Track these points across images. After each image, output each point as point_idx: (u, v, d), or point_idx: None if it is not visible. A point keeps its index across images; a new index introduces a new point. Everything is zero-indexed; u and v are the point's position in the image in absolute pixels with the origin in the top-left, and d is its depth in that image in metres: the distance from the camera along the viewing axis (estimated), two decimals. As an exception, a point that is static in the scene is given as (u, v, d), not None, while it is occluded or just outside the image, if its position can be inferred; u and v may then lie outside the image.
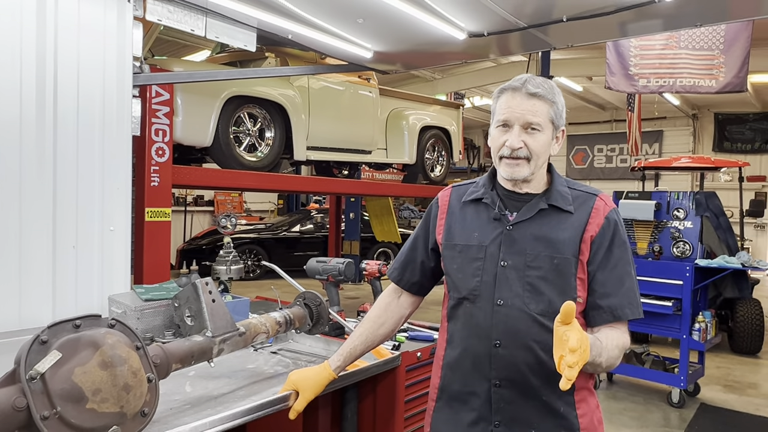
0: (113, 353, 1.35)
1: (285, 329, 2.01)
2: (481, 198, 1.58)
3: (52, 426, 1.23)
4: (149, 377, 1.44)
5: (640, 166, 7.32)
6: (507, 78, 6.76)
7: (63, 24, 2.44)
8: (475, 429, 1.52)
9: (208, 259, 10.90)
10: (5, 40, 2.29)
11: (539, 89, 1.48)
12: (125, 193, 2.69)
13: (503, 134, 1.50)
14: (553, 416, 1.48)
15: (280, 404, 1.65)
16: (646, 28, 3.14)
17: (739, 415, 4.78)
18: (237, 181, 5.20)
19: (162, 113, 3.91)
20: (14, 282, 2.34)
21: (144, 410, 1.39)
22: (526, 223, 1.51)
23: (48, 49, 2.41)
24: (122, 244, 2.68)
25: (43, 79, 2.40)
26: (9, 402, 1.20)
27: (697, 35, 7.22)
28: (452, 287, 1.59)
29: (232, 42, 3.27)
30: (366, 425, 2.17)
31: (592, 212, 1.50)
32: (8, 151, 2.32)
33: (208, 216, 15.23)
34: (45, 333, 1.32)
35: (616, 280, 1.48)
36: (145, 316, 2.21)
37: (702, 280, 4.87)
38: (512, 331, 1.47)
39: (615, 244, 1.50)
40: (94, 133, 2.57)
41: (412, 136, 7.49)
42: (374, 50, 3.60)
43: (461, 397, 1.55)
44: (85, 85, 2.53)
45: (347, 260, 2.42)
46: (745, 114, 15.52)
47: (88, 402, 1.28)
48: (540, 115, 1.48)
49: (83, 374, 1.29)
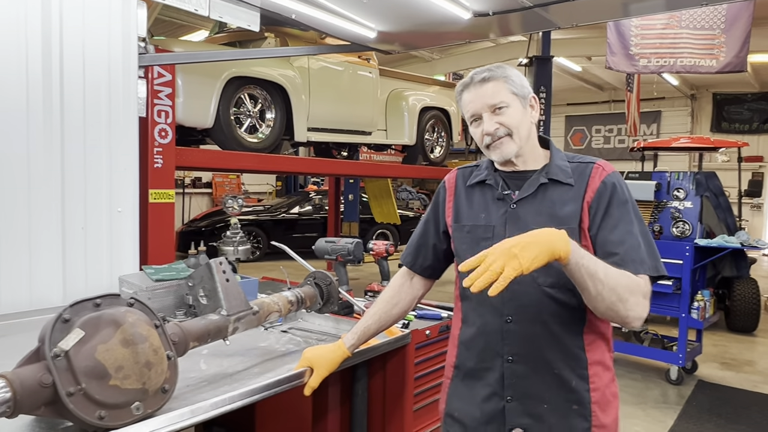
0: (134, 331, 1.37)
1: (296, 308, 2.03)
2: (485, 180, 1.62)
3: (78, 402, 1.25)
4: (168, 355, 1.46)
5: (639, 146, 7.33)
6: (506, 58, 6.80)
7: (68, 4, 2.43)
8: (488, 404, 1.55)
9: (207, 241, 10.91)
10: (10, 22, 2.28)
11: (486, 73, 1.53)
12: (132, 174, 2.70)
13: (478, 126, 1.56)
14: (565, 390, 1.50)
15: (295, 380, 1.68)
16: (652, 7, 3.13)
17: (736, 391, 4.87)
18: (239, 163, 5.20)
19: (164, 94, 3.89)
20: (24, 264, 2.36)
21: (164, 387, 1.42)
22: (529, 200, 1.54)
23: (53, 30, 2.40)
24: (130, 225, 2.70)
25: (49, 62, 2.39)
26: (36, 379, 1.22)
27: (698, 15, 7.18)
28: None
29: (236, 22, 3.24)
30: (376, 401, 2.21)
31: (589, 180, 1.52)
32: (16, 134, 2.32)
33: (206, 198, 15.24)
34: (67, 311, 1.33)
35: (617, 240, 1.45)
36: (156, 296, 2.23)
37: (701, 259, 4.91)
38: (523, 306, 1.50)
39: (613, 204, 1.48)
40: (100, 114, 2.58)
41: (412, 117, 7.48)
42: (378, 30, 3.58)
43: (476, 374, 1.59)
44: (91, 66, 2.52)
45: (356, 240, 2.44)
46: (744, 94, 15.52)
47: (111, 379, 1.30)
48: (498, 94, 1.52)
49: (106, 351, 1.31)
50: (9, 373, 1.22)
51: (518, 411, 1.51)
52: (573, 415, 1.49)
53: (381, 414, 2.21)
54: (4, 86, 2.27)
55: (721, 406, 4.51)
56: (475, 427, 1.57)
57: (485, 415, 1.55)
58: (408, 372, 2.15)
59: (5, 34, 2.27)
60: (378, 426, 2.21)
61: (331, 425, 2.31)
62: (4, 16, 2.26)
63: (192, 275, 1.84)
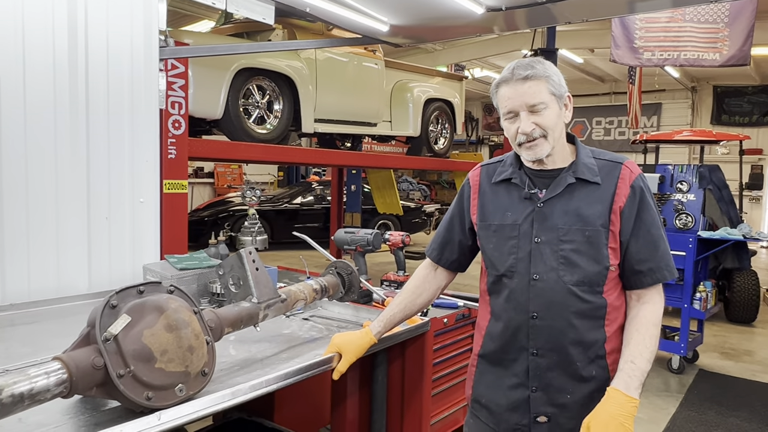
0: (177, 317, 1.44)
1: (321, 296, 2.10)
2: (510, 178, 1.63)
3: (127, 383, 1.32)
4: (207, 340, 1.53)
5: (642, 139, 7.39)
6: (508, 49, 6.83)
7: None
8: (514, 393, 1.61)
9: (210, 231, 10.90)
10: (38, 18, 2.33)
11: (529, 70, 1.52)
12: (154, 165, 2.77)
13: (513, 123, 1.55)
14: (587, 381, 1.55)
15: (325, 365, 1.75)
16: (663, 3, 3.17)
17: (735, 380, 4.96)
18: (249, 154, 5.24)
19: (178, 86, 3.91)
20: (53, 253, 2.43)
21: (204, 370, 1.49)
22: (556, 199, 1.56)
23: (79, 25, 2.45)
24: (152, 215, 2.77)
25: (75, 56, 2.44)
26: (88, 361, 1.29)
27: (703, 9, 7.22)
28: (490, 265, 1.65)
29: (251, 15, 3.28)
30: (395, 387, 2.28)
31: (618, 182, 1.54)
32: (44, 128, 2.38)
33: (208, 188, 15.27)
34: (114, 298, 1.40)
35: (651, 245, 1.54)
36: (181, 284, 2.28)
37: (704, 251, 4.99)
38: (548, 303, 1.54)
39: (643, 209, 1.54)
40: (123, 106, 2.63)
41: (417, 109, 7.51)
42: (390, 23, 3.62)
43: (501, 363, 1.64)
44: (115, 59, 2.58)
45: (375, 231, 2.51)
46: (744, 87, 15.56)
47: (157, 362, 1.37)
48: (539, 94, 1.51)
49: (151, 336, 1.38)
50: (64, 356, 1.28)
51: (542, 400, 1.57)
52: (596, 402, 1.52)
53: (399, 399, 2.28)
54: (33, 81, 2.32)
55: (721, 394, 4.60)
56: (501, 413, 1.63)
57: (511, 403, 1.61)
58: (427, 358, 2.22)
59: (34, 29, 2.32)
60: (397, 411, 2.28)
61: (350, 410, 2.38)
62: (33, 11, 2.31)
63: (222, 264, 1.90)
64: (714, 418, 4.13)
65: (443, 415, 2.34)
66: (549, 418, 1.57)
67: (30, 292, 2.35)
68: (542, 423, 1.57)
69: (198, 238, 8.90)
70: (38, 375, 1.21)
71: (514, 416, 1.60)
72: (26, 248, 2.34)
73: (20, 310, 2.25)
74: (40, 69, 2.34)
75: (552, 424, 1.57)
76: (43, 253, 2.39)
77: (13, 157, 2.29)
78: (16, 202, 2.31)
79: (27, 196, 2.34)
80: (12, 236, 2.30)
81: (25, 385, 1.18)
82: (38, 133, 2.35)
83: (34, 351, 1.84)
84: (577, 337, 1.54)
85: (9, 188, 2.29)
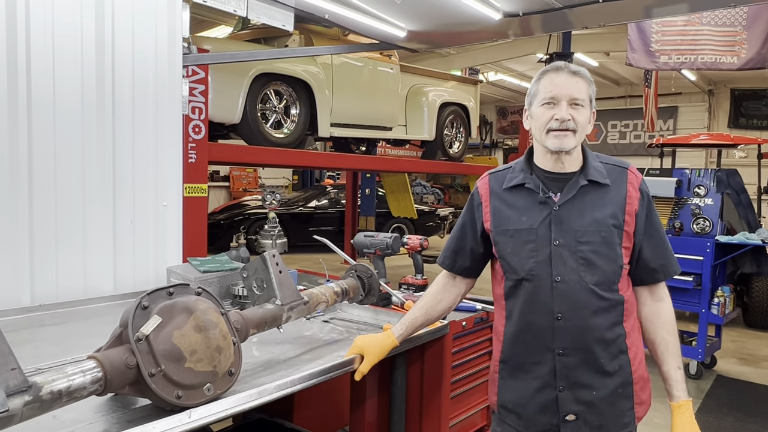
0: (205, 318, 1.48)
1: (341, 299, 2.14)
2: (524, 183, 1.67)
3: (158, 382, 1.35)
4: (233, 340, 1.56)
5: (658, 142, 7.34)
6: (523, 53, 6.86)
7: (119, 8, 2.54)
8: (541, 395, 1.64)
9: (226, 234, 11.02)
10: (68, 26, 2.39)
11: (579, 70, 1.62)
12: (177, 169, 2.82)
13: (550, 110, 1.60)
14: (611, 376, 1.61)
15: (346, 367, 1.78)
16: (681, 8, 3.18)
17: (754, 386, 4.92)
18: (266, 158, 5.31)
19: (198, 91, 3.98)
20: (79, 256, 2.49)
21: (231, 370, 1.52)
22: (571, 202, 1.61)
23: (107, 34, 2.51)
24: (175, 219, 2.82)
25: (102, 64, 2.51)
26: (122, 360, 1.33)
27: (720, 12, 7.17)
28: (509, 269, 1.68)
29: (271, 22, 3.33)
30: (413, 389, 2.31)
31: (628, 186, 1.63)
32: (72, 132, 2.44)
33: (223, 191, 15.40)
34: (145, 299, 1.44)
35: (661, 244, 1.66)
36: (204, 287, 2.34)
37: (722, 256, 4.95)
38: (572, 304, 1.59)
39: (651, 212, 1.66)
40: (148, 112, 2.69)
41: (432, 113, 7.53)
42: (408, 29, 3.66)
43: (525, 367, 1.67)
44: (140, 66, 2.63)
45: (394, 235, 2.54)
46: (763, 90, 15.38)
47: (186, 361, 1.41)
48: (583, 91, 1.60)
49: (181, 337, 1.42)
50: (99, 355, 1.32)
51: (570, 399, 1.61)
52: (620, 397, 1.62)
53: (418, 401, 2.30)
54: (63, 89, 2.39)
55: (740, 400, 4.56)
56: (530, 416, 1.66)
57: (539, 405, 1.64)
58: (446, 361, 2.24)
59: (63, 36, 2.38)
60: (415, 413, 2.31)
61: (369, 411, 2.41)
62: (63, 21, 2.37)
63: (246, 267, 1.95)
64: (732, 423, 4.10)
65: (462, 417, 2.36)
66: (577, 416, 1.61)
67: (58, 294, 2.41)
68: (570, 421, 1.62)
69: (214, 241, 8.99)
70: (75, 373, 1.25)
71: (544, 417, 1.64)
72: (54, 251, 2.40)
73: (49, 311, 2.31)
74: (69, 77, 2.40)
75: (580, 422, 1.61)
76: (70, 256, 2.45)
77: (43, 163, 2.35)
78: (46, 207, 2.37)
79: (56, 201, 2.40)
80: (41, 239, 2.36)
81: (63, 383, 1.22)
82: (66, 139, 2.41)
83: (63, 351, 1.89)
84: (600, 334, 1.60)
85: (39, 193, 2.35)
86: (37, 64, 2.31)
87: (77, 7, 2.41)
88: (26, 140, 2.30)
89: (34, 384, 1.17)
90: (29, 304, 2.31)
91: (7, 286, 2.30)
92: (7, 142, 2.25)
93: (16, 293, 2.32)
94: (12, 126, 2.26)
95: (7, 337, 1.15)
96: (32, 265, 2.35)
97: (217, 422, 1.51)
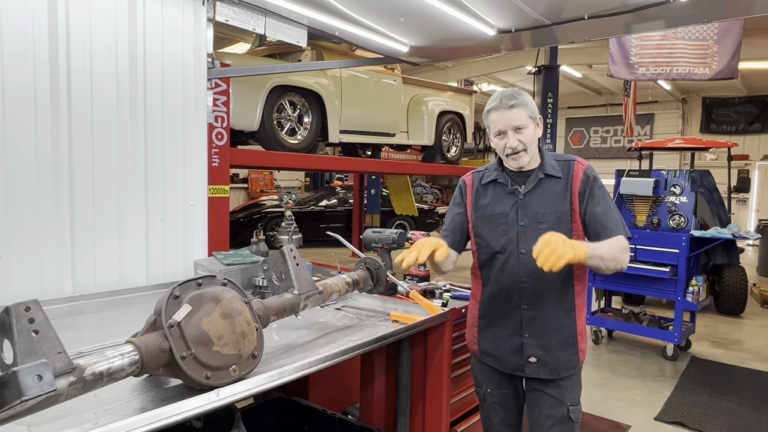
0: (231, 306, 1.47)
1: (352, 289, 2.13)
2: (497, 179, 1.95)
3: (189, 364, 1.35)
4: (256, 326, 1.56)
5: (637, 146, 7.31)
6: (514, 66, 6.88)
7: (150, 26, 2.54)
8: (511, 341, 1.93)
9: (245, 231, 11.00)
10: (103, 43, 2.39)
11: (513, 100, 1.83)
12: (202, 173, 2.82)
13: (502, 140, 1.87)
14: (563, 328, 1.90)
15: (360, 349, 1.78)
16: (659, 24, 3.16)
17: (726, 367, 4.90)
18: (282, 162, 5.32)
19: (220, 102, 3.99)
20: (115, 250, 2.49)
21: (254, 353, 1.52)
22: (532, 192, 1.88)
23: (138, 50, 2.51)
24: (201, 217, 2.82)
25: (135, 77, 2.51)
26: (156, 344, 1.33)
27: (694, 28, 7.12)
28: (485, 245, 1.95)
29: (286, 38, 3.33)
30: (418, 371, 2.30)
31: (573, 173, 1.87)
32: (108, 137, 2.44)
33: (242, 192, 15.40)
34: (177, 289, 1.44)
35: (603, 213, 1.83)
36: (229, 278, 2.35)
37: (696, 248, 4.93)
38: (533, 270, 1.79)
39: (594, 188, 1.85)
40: (176, 120, 2.69)
41: (431, 120, 7.53)
42: (410, 45, 3.64)
43: (498, 321, 1.95)
44: (169, 79, 2.64)
45: (399, 231, 2.53)
46: (731, 98, 15.29)
47: (214, 346, 1.40)
48: (521, 118, 1.83)
49: (209, 323, 1.42)
50: (136, 340, 1.32)
51: (533, 345, 1.90)
52: (568, 345, 1.90)
53: (422, 381, 2.30)
54: (100, 102, 2.39)
55: (713, 379, 4.55)
56: (503, 357, 1.95)
57: (509, 349, 1.93)
58: (446, 345, 2.23)
59: (99, 54, 2.38)
60: (419, 392, 2.30)
61: (377, 390, 2.41)
62: (98, 40, 2.37)
63: (266, 260, 1.94)
64: (706, 400, 4.08)
65: (461, 395, 2.36)
66: (538, 359, 1.90)
67: (96, 285, 2.41)
68: (532, 363, 1.90)
69: (235, 237, 9.00)
70: (114, 356, 1.25)
71: (513, 359, 1.93)
72: (93, 247, 2.41)
73: (88, 300, 2.32)
74: (105, 90, 2.40)
75: (540, 364, 1.89)
76: (107, 251, 2.45)
77: (83, 166, 2.36)
78: (85, 206, 2.38)
79: (94, 200, 2.40)
80: (81, 236, 2.37)
81: (104, 365, 1.22)
82: (103, 144, 2.41)
83: (101, 336, 1.89)
84: (556, 293, 1.87)
85: (79, 194, 2.36)
86: (76, 78, 2.32)
87: (112, 29, 2.41)
88: (67, 145, 2.31)
89: (78, 366, 1.17)
90: (71, 294, 2.32)
91: (52, 278, 2.31)
92: (50, 145, 2.26)
93: (59, 284, 2.33)
94: (54, 130, 2.27)
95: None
96: (73, 259, 2.36)
97: (241, 400, 1.51)
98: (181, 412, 1.26)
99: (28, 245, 2.22)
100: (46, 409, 1.12)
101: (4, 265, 2.15)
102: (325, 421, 2.39)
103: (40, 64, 2.21)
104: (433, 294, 2.52)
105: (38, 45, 2.20)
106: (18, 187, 2.19)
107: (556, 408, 1.90)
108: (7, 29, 2.12)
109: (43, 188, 2.25)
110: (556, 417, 1.89)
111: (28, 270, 2.22)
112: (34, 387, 1.00)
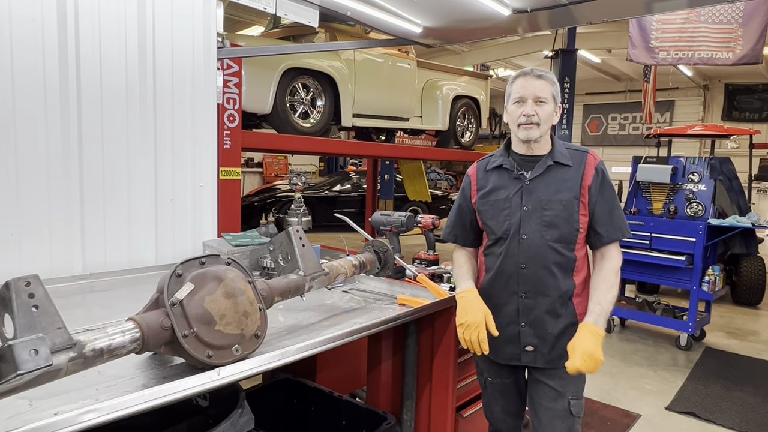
0: (234, 285, 1.46)
1: (359, 271, 2.11)
2: (502, 164, 1.91)
3: (191, 342, 1.35)
4: (260, 306, 1.55)
5: (656, 133, 7.15)
6: (530, 50, 6.79)
7: (159, 5, 2.51)
8: (508, 329, 1.89)
9: (259, 214, 10.99)
10: (112, 22, 2.37)
11: (543, 73, 1.83)
12: (212, 154, 2.81)
13: (519, 107, 1.83)
14: (561, 318, 1.85)
15: (365, 331, 1.76)
16: (681, 3, 3.05)
17: (740, 357, 4.81)
18: (294, 145, 5.29)
19: (232, 83, 3.95)
20: (125, 230, 2.50)
21: (257, 333, 1.51)
22: (539, 178, 1.85)
23: (148, 30, 2.49)
24: (210, 198, 2.81)
25: (144, 57, 2.49)
26: (158, 322, 1.32)
27: (717, 10, 6.90)
28: (489, 231, 1.93)
29: (298, 18, 3.28)
30: (424, 354, 2.29)
31: (586, 166, 1.83)
32: (118, 118, 2.44)
33: (257, 176, 15.46)
34: (179, 268, 1.42)
35: (607, 213, 1.83)
36: (236, 259, 2.34)
37: (714, 237, 4.83)
38: (533, 256, 1.82)
39: (604, 187, 1.84)
40: (185, 101, 2.67)
41: (446, 105, 7.43)
42: (424, 26, 3.57)
43: (497, 308, 1.88)
44: (178, 59, 2.61)
45: (408, 214, 2.50)
46: (755, 85, 14.88)
47: (216, 324, 1.39)
48: (545, 91, 1.81)
49: (212, 302, 1.41)
50: (137, 317, 1.32)
51: (529, 334, 1.87)
52: (566, 335, 1.82)
53: (429, 366, 2.28)
54: (109, 80, 2.38)
55: (726, 370, 4.47)
56: (499, 346, 1.90)
57: (506, 337, 1.89)
58: (454, 329, 2.20)
59: (108, 33, 2.36)
60: (426, 376, 2.29)
61: (384, 373, 2.40)
62: (108, 17, 2.35)
63: (272, 241, 1.92)
64: (719, 391, 4.02)
65: (467, 381, 2.34)
66: (534, 348, 1.87)
67: (106, 264, 2.42)
68: (529, 352, 1.88)
69: (249, 221, 9.04)
70: (115, 333, 1.25)
71: (510, 347, 1.91)
72: (103, 226, 2.42)
73: (98, 278, 2.33)
74: (114, 69, 2.39)
75: (536, 353, 1.88)
76: (117, 230, 2.46)
77: (92, 146, 2.36)
78: (95, 186, 2.38)
79: (103, 181, 2.40)
80: (91, 215, 2.38)
81: (104, 341, 1.22)
82: (112, 124, 2.41)
83: (111, 314, 1.90)
84: (555, 282, 1.83)
85: (89, 174, 2.36)
86: (85, 58, 2.31)
87: (121, 8, 2.39)
88: (76, 125, 2.31)
89: (78, 342, 1.16)
90: (81, 273, 2.34)
91: (63, 257, 2.32)
92: (59, 126, 2.25)
93: (69, 263, 2.34)
94: (63, 111, 2.26)
95: (61, 301, 1.15)
96: (83, 239, 2.37)
97: (246, 380, 1.50)
98: (180, 390, 1.25)
99: (38, 224, 2.23)
100: (47, 384, 1.11)
101: (14, 243, 2.17)
102: (331, 402, 2.39)
103: (49, 44, 2.20)
104: (441, 278, 2.48)
105: (47, 25, 2.19)
106: (28, 166, 2.19)
107: (557, 401, 1.87)
108: (17, 10, 2.11)
109: (53, 167, 2.25)
110: (557, 411, 1.86)
111: (38, 248, 2.23)
112: (29, 361, 1.00)
